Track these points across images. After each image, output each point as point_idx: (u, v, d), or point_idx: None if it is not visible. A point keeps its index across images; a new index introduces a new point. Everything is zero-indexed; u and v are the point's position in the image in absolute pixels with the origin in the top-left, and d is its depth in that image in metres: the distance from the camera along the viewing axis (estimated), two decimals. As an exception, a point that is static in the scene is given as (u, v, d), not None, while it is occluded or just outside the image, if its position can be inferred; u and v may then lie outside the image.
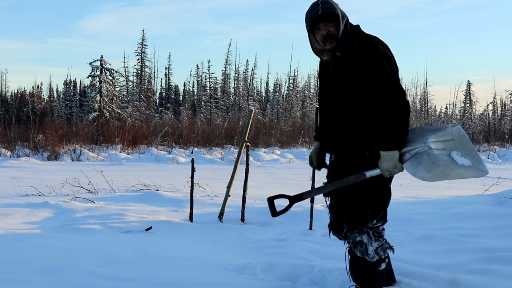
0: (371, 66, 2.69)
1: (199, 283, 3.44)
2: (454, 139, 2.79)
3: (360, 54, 2.74)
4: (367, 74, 2.70)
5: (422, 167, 2.68)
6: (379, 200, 2.88)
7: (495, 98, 43.18)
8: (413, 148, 2.72)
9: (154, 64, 52.02)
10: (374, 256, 2.89)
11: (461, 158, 2.74)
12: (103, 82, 25.32)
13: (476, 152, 2.82)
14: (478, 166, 2.75)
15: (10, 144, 19.09)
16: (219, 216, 6.13)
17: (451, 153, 2.74)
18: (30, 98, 40.62)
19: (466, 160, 2.74)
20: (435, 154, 2.69)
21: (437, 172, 2.71)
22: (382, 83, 2.69)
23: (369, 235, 2.88)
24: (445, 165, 2.70)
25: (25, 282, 3.34)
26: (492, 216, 5.91)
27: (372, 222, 2.89)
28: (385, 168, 2.72)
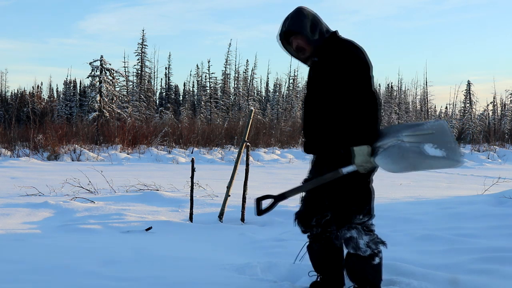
0: (342, 68, 2.83)
1: (199, 283, 3.44)
2: (434, 133, 2.87)
3: (334, 58, 2.89)
4: (339, 75, 2.84)
5: (391, 159, 2.81)
6: (361, 195, 3.02)
7: (495, 98, 43.21)
8: (385, 142, 2.83)
9: (154, 64, 52.04)
10: (366, 249, 2.95)
11: (434, 150, 2.82)
12: (103, 82, 25.33)
13: (456, 144, 2.89)
14: (452, 157, 2.83)
15: (10, 144, 19.10)
16: (219, 216, 6.13)
17: (424, 145, 2.82)
18: (30, 98, 40.63)
19: (440, 151, 2.82)
20: (405, 147, 2.80)
21: (406, 164, 2.84)
22: (351, 84, 2.81)
23: (358, 230, 2.99)
24: (413, 157, 2.80)
25: (25, 282, 3.34)
26: (492, 216, 5.91)
27: (359, 217, 3.01)
28: (358, 163, 2.84)
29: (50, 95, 47.61)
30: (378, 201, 8.25)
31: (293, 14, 3.00)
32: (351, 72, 2.83)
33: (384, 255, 4.27)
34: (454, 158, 2.85)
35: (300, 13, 3.00)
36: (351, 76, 2.82)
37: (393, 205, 7.21)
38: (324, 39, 2.99)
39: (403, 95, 49.23)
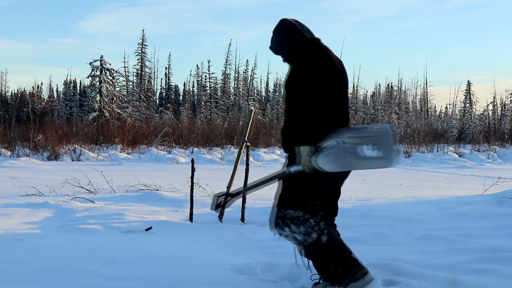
0: (296, 74, 3.06)
1: (199, 283, 3.44)
2: (378, 135, 3.01)
3: (295, 64, 3.12)
4: (292, 81, 3.07)
5: (329, 159, 2.95)
6: (299, 192, 3.06)
7: (495, 98, 43.21)
8: (328, 143, 2.98)
9: (154, 64, 52.02)
10: (306, 238, 3.01)
11: (371, 151, 2.97)
12: (103, 82, 25.33)
13: (396, 146, 3.04)
14: (388, 157, 2.99)
15: (10, 144, 19.10)
16: (219, 216, 6.13)
17: (362, 146, 2.97)
18: (30, 98, 40.63)
19: (377, 152, 2.97)
20: (343, 147, 2.96)
21: (342, 163, 2.98)
22: (298, 89, 3.03)
23: (289, 227, 3.04)
24: (349, 157, 2.97)
25: (25, 282, 3.34)
26: (492, 216, 5.91)
27: (293, 212, 3.05)
28: (301, 162, 2.97)
29: (50, 95, 47.62)
30: (378, 201, 8.31)
31: (273, 31, 3.28)
32: (300, 79, 3.02)
33: (384, 255, 4.28)
34: (389, 158, 3.00)
35: (276, 29, 3.27)
36: (299, 82, 3.02)
37: (393, 205, 7.21)
38: (296, 46, 3.17)
39: (403, 95, 49.23)
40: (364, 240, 4.98)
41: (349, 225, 5.86)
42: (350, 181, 11.74)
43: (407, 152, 23.20)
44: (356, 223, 5.95)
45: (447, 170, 17.01)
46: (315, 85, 3.02)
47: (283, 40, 3.23)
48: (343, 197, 8.70)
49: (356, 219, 6.24)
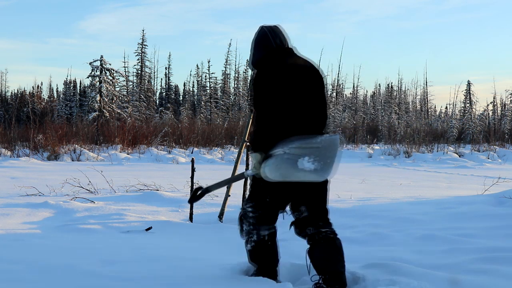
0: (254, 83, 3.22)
1: (199, 283, 3.44)
2: (319, 147, 3.11)
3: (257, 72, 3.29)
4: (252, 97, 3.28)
5: (268, 168, 3.09)
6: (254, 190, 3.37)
7: (495, 98, 43.23)
8: (273, 152, 3.10)
9: (154, 64, 52.05)
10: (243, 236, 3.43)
11: (307, 163, 3.07)
12: (103, 82, 25.33)
13: (333, 161, 3.17)
14: (322, 172, 3.12)
15: (10, 144, 19.09)
16: (219, 216, 6.13)
17: (304, 158, 3.07)
18: (30, 98, 40.65)
19: (313, 165, 3.08)
20: (282, 158, 3.07)
21: (278, 174, 3.09)
22: (254, 98, 3.22)
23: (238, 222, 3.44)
24: (285, 167, 3.06)
25: (25, 282, 3.34)
26: (492, 216, 5.91)
27: (244, 205, 3.42)
28: (253, 167, 3.20)
29: (50, 95, 47.64)
30: (378, 201, 8.30)
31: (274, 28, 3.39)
32: (256, 88, 3.19)
33: (384, 255, 4.28)
34: (325, 172, 3.15)
35: (253, 39, 3.39)
36: (255, 90, 3.20)
37: (393, 205, 7.21)
38: (263, 55, 3.32)
39: (403, 95, 49.24)
40: (364, 240, 4.98)
41: (349, 225, 5.86)
42: (350, 181, 11.84)
43: (407, 152, 23.19)
44: (356, 223, 5.95)
45: (447, 170, 17.00)
46: (268, 93, 3.15)
47: (254, 49, 3.38)
48: (343, 197, 8.73)
49: (356, 219, 6.24)
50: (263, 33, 3.35)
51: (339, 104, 43.03)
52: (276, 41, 3.33)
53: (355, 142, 31.49)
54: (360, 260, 4.09)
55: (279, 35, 3.35)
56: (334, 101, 44.40)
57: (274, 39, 3.33)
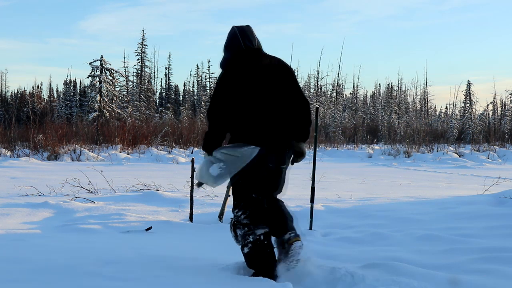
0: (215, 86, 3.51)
1: (199, 283, 3.44)
2: (238, 156, 3.34)
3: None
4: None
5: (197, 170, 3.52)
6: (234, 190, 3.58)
7: (495, 98, 43.23)
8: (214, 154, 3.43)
9: (154, 64, 52.06)
10: (238, 241, 3.51)
11: (216, 169, 3.37)
12: (103, 82, 25.32)
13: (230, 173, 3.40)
14: (216, 179, 3.41)
15: (10, 144, 19.08)
16: (219, 216, 6.13)
17: (214, 164, 3.38)
18: (30, 98, 40.64)
19: (217, 171, 3.37)
20: (204, 161, 3.45)
21: (197, 175, 3.52)
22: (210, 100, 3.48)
23: (231, 229, 3.55)
24: (200, 169, 3.47)
25: (25, 282, 3.34)
26: (492, 216, 5.91)
27: (234, 213, 3.56)
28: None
29: (50, 95, 47.64)
30: (378, 201, 8.30)
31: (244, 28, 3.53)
32: (215, 88, 3.38)
33: (384, 255, 4.28)
34: (216, 181, 3.42)
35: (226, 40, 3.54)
36: (213, 91, 3.43)
37: (393, 205, 7.21)
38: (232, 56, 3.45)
39: (403, 95, 49.24)
40: (364, 240, 4.98)
41: (349, 225, 5.87)
42: (350, 181, 11.86)
43: (407, 152, 23.20)
44: (356, 223, 5.95)
45: (447, 170, 17.00)
46: (216, 94, 3.36)
47: (225, 50, 3.52)
48: (343, 197, 8.72)
49: (356, 219, 6.24)
50: (233, 34, 3.47)
51: (339, 104, 43.02)
52: (245, 42, 3.44)
53: (355, 142, 31.49)
54: (360, 260, 4.09)
55: (249, 36, 3.46)
56: (334, 101, 44.39)
57: (244, 40, 3.44)
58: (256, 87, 3.33)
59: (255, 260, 3.51)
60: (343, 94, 48.26)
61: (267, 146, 3.37)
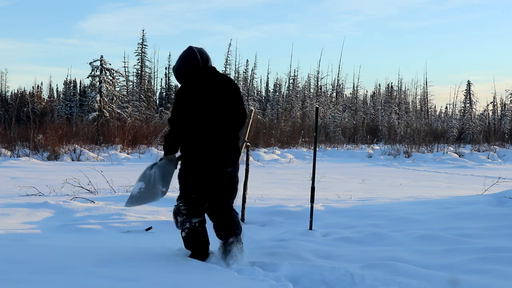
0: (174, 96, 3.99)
1: (199, 283, 3.44)
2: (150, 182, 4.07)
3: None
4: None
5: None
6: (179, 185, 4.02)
7: (495, 98, 43.27)
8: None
9: (154, 64, 52.10)
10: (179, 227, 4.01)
11: (137, 186, 4.22)
12: (103, 82, 25.31)
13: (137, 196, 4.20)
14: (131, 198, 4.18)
15: (10, 144, 19.07)
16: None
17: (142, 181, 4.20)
18: (30, 98, 40.65)
19: (137, 190, 4.19)
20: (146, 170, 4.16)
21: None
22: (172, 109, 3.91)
23: (173, 215, 4.02)
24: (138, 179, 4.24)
25: (25, 282, 3.34)
26: (492, 216, 5.91)
27: (177, 202, 4.01)
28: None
29: (50, 95, 47.66)
30: (378, 201, 8.30)
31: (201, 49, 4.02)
32: (175, 98, 3.86)
33: (384, 255, 4.28)
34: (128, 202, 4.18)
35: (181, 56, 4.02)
36: (174, 101, 3.89)
37: (393, 205, 7.21)
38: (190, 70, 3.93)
39: (403, 95, 49.24)
40: (364, 240, 4.98)
41: (349, 225, 5.87)
42: (350, 181, 11.86)
43: (407, 152, 23.20)
44: (356, 223, 5.95)
45: (447, 170, 17.01)
46: (176, 104, 3.83)
47: (182, 62, 3.98)
48: (343, 197, 8.72)
49: (356, 219, 6.24)
50: (193, 52, 3.97)
51: (339, 104, 43.03)
52: (203, 60, 3.95)
53: (355, 142, 31.50)
54: (360, 260, 4.09)
55: (205, 56, 3.98)
56: (334, 101, 44.40)
57: (202, 59, 3.96)
58: (209, 99, 3.81)
59: (191, 242, 4.03)
60: (343, 94, 48.28)
61: (213, 152, 3.84)
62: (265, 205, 7.15)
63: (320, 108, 36.57)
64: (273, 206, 6.98)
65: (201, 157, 3.83)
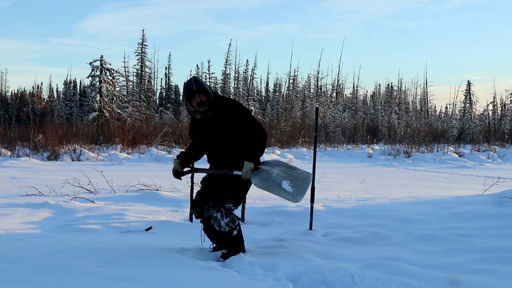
0: (239, 114, 4.20)
1: (199, 283, 3.44)
2: (298, 177, 4.24)
3: (229, 110, 4.22)
4: (238, 120, 4.19)
5: (258, 178, 4.13)
6: (237, 191, 4.25)
7: (495, 98, 43.27)
8: (264, 167, 4.20)
9: (154, 64, 52.05)
10: (225, 227, 4.18)
11: (287, 186, 4.15)
12: (103, 82, 25.31)
13: (305, 191, 4.23)
14: (295, 196, 4.17)
15: (10, 144, 19.06)
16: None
17: (284, 180, 4.17)
18: (30, 98, 40.64)
19: (291, 189, 4.15)
20: (271, 175, 4.17)
21: (264, 184, 4.13)
22: (249, 124, 4.20)
23: (222, 213, 4.18)
24: (272, 182, 4.15)
25: (25, 282, 3.34)
26: (492, 216, 5.91)
27: (228, 204, 4.21)
28: (244, 172, 4.11)
29: (50, 95, 47.65)
30: (378, 201, 8.30)
31: (196, 79, 4.28)
32: (246, 116, 4.20)
33: (384, 255, 4.29)
34: (296, 197, 4.18)
35: (200, 79, 4.34)
36: (247, 119, 4.20)
37: (393, 205, 7.21)
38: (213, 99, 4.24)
39: (403, 95, 49.23)
40: (364, 240, 4.98)
41: (349, 225, 5.87)
42: (350, 181, 11.84)
43: (407, 152, 23.20)
44: (356, 223, 5.95)
45: (447, 170, 17.00)
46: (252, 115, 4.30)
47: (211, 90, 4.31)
48: (343, 197, 8.71)
49: (356, 219, 6.25)
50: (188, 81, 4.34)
51: (339, 104, 43.03)
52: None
53: (355, 142, 31.49)
54: (360, 260, 4.10)
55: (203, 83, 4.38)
56: (334, 101, 44.40)
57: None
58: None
59: (242, 238, 4.34)
60: (343, 94, 48.28)
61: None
62: (265, 205, 7.16)
63: (320, 108, 36.58)
64: (273, 206, 6.99)
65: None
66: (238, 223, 4.28)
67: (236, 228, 4.24)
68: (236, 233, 4.25)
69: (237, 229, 4.25)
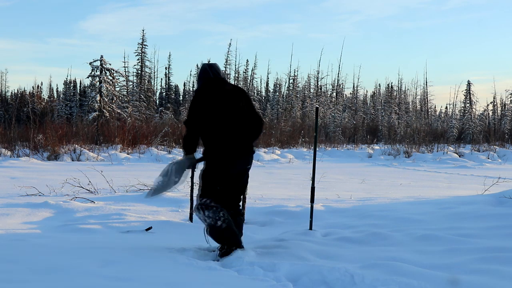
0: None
1: (199, 283, 3.44)
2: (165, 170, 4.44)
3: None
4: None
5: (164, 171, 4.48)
6: (207, 184, 4.31)
7: (495, 98, 43.26)
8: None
9: (154, 64, 52.03)
10: (209, 220, 4.20)
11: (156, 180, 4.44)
12: (103, 82, 25.31)
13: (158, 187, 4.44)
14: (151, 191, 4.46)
15: (10, 144, 19.06)
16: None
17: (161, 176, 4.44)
18: (30, 98, 40.64)
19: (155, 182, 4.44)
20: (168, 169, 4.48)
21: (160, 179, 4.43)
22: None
23: (200, 210, 4.25)
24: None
25: (25, 282, 3.34)
26: (492, 216, 5.91)
27: (203, 200, 4.27)
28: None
29: (50, 95, 47.66)
30: (378, 201, 8.30)
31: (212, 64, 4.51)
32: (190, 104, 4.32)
33: (384, 255, 4.29)
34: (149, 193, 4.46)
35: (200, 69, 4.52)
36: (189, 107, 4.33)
37: (393, 205, 7.21)
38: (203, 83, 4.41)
39: (403, 95, 49.23)
40: (364, 240, 4.98)
41: (349, 225, 5.87)
42: (350, 181, 11.88)
43: (407, 152, 23.19)
44: (356, 223, 5.95)
45: (447, 170, 17.00)
46: (191, 109, 4.26)
47: (198, 80, 4.52)
48: (343, 197, 8.71)
49: (356, 219, 6.24)
50: (204, 68, 4.47)
51: (339, 104, 43.02)
52: (213, 72, 4.42)
53: (355, 142, 31.49)
54: (360, 260, 4.10)
55: (216, 69, 4.46)
56: (334, 101, 44.39)
57: (211, 71, 4.43)
58: (221, 106, 4.24)
59: (231, 231, 4.22)
60: (343, 94, 48.27)
61: (234, 153, 4.26)
62: (265, 205, 7.16)
63: (320, 108, 36.58)
64: (273, 206, 6.99)
65: (225, 157, 4.24)
66: (224, 214, 4.21)
67: (220, 219, 4.19)
68: (224, 226, 4.18)
69: (222, 220, 4.18)
